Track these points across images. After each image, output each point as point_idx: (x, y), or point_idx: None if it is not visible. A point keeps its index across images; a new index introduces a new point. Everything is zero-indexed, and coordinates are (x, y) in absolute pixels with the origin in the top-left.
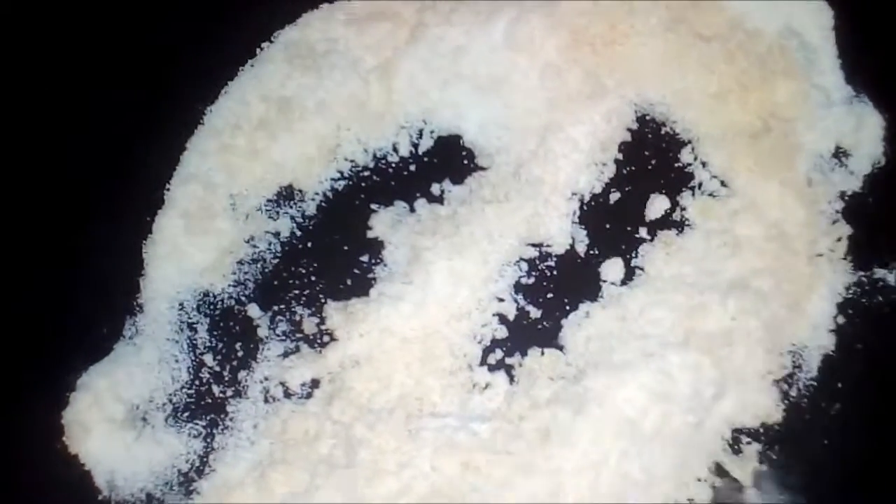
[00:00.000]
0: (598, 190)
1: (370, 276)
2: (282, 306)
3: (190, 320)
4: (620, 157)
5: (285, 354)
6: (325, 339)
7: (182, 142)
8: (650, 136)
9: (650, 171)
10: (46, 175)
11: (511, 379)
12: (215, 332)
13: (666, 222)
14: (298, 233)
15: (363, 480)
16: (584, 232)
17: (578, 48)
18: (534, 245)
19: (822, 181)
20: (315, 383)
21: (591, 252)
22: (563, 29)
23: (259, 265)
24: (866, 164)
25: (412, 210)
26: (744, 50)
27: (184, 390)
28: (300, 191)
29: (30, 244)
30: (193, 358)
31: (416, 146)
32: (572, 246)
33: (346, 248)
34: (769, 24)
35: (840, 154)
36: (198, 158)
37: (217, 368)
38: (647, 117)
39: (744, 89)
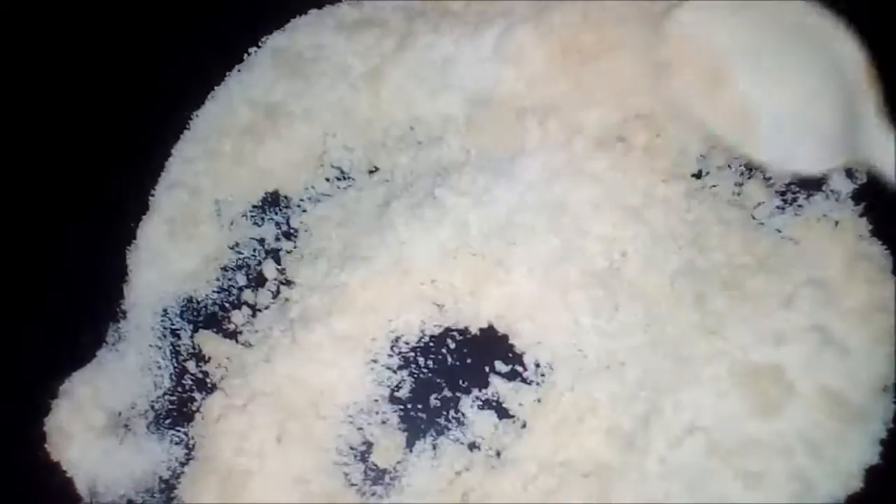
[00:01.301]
0: None
1: None
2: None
3: (173, 327)
4: None
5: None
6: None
7: (167, 147)
8: None
9: None
10: (28, 179)
11: None
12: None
13: None
14: (283, 239)
15: None
16: None
17: (567, 59)
18: None
19: None
20: None
21: None
22: (552, 40)
23: (244, 272)
24: None
25: None
26: None
27: (166, 397)
28: (286, 197)
29: (11, 249)
30: (176, 364)
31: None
32: None
33: None
34: None
35: None
36: (183, 164)
37: (199, 375)
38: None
39: None
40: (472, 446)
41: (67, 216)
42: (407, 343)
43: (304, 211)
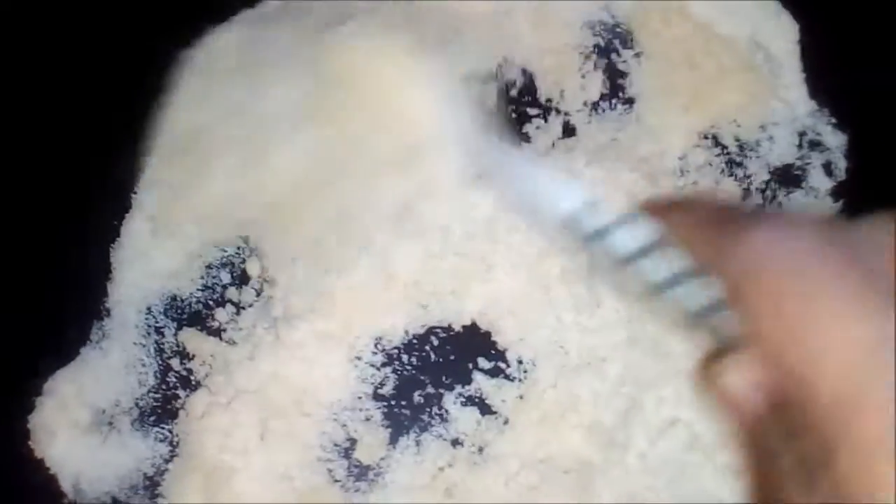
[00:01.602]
0: None
1: None
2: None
3: (157, 324)
4: None
5: (251, 358)
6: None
7: (150, 145)
8: None
9: None
10: (12, 178)
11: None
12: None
13: None
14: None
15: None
16: None
17: None
18: None
19: None
20: None
21: None
22: None
23: (227, 269)
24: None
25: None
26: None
27: (150, 394)
28: None
29: None
30: (160, 362)
31: None
32: None
33: None
34: (735, 34)
35: None
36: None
37: (184, 373)
38: None
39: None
40: (455, 442)
41: (50, 214)
42: (390, 341)
43: None
